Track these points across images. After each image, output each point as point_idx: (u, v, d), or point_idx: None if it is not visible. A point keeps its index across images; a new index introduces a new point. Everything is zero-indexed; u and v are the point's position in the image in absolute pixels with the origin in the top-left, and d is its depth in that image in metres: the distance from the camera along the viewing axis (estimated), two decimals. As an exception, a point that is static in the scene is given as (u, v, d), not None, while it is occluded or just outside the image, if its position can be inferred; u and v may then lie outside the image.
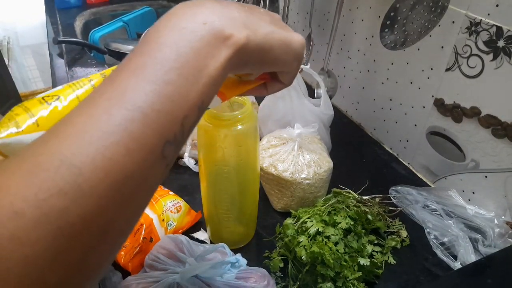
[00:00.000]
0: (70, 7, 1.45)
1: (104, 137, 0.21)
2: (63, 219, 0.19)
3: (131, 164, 0.21)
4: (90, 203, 0.20)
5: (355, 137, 0.90)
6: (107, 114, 0.22)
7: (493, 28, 0.59)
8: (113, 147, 0.21)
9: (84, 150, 0.20)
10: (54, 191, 0.19)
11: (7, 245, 0.18)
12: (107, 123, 0.21)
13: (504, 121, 0.60)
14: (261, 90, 0.38)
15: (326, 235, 0.55)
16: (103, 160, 0.20)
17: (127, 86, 0.23)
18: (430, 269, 0.60)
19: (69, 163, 0.20)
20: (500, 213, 0.64)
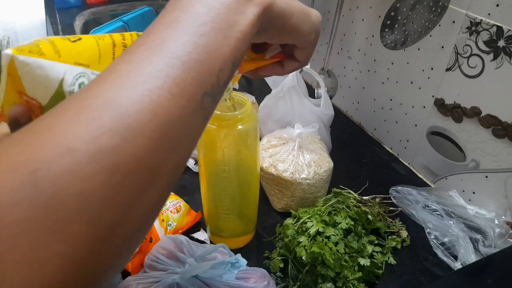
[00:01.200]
0: (70, 7, 1.45)
1: (148, 81, 0.21)
2: (117, 156, 0.19)
3: (175, 108, 0.22)
4: (141, 142, 0.20)
5: (355, 137, 0.90)
6: (148, 61, 0.22)
7: (494, 28, 0.58)
8: (158, 91, 0.21)
9: (130, 93, 0.21)
10: (105, 129, 0.19)
11: (63, 180, 0.17)
12: (149, 69, 0.22)
13: (504, 121, 0.60)
14: (277, 69, 0.38)
15: (326, 235, 0.55)
16: (150, 102, 0.21)
17: (165, 37, 0.24)
18: (431, 269, 0.60)
19: (116, 104, 0.20)
20: (500, 213, 0.63)
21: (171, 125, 0.22)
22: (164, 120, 0.21)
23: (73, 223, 0.17)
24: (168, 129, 0.21)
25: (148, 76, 0.22)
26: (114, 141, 0.19)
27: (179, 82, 0.22)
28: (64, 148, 0.18)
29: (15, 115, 0.29)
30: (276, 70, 0.38)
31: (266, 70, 0.38)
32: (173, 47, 0.23)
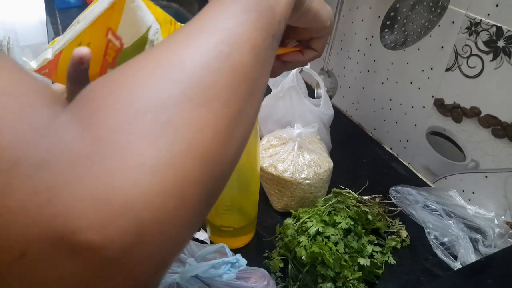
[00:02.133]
0: (70, 7, 1.45)
1: (235, 17, 0.24)
2: (231, 60, 0.22)
3: (260, 39, 0.25)
4: (244, 56, 0.23)
5: (355, 137, 0.90)
6: (226, 9, 0.25)
7: (493, 28, 0.59)
8: (245, 24, 0.24)
9: (226, 26, 0.24)
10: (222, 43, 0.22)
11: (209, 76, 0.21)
12: (234, 9, 0.25)
13: (504, 121, 0.60)
14: (298, 55, 0.41)
15: (326, 235, 0.55)
16: (242, 33, 0.24)
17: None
18: (430, 269, 0.60)
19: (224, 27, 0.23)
20: (500, 213, 0.64)
21: (259, 50, 0.25)
22: (254, 44, 0.24)
23: (213, 102, 0.20)
24: (257, 52, 0.25)
25: (233, 14, 0.25)
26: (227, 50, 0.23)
27: (257, 20, 0.25)
28: (178, 66, 0.21)
29: (81, 55, 0.30)
30: (298, 56, 0.41)
31: (289, 56, 0.41)
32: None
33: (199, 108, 0.19)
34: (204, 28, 0.23)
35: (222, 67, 0.22)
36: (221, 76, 0.21)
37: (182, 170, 0.18)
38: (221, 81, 0.21)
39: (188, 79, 0.20)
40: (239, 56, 0.23)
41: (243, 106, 0.23)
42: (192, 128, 0.19)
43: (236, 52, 0.23)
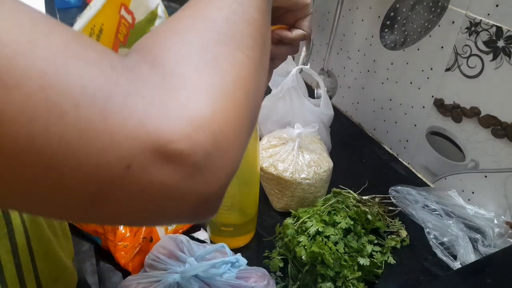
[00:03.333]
0: (70, 7, 1.45)
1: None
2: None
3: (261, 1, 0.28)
4: (253, 13, 0.27)
5: (355, 137, 0.90)
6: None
7: (493, 28, 0.59)
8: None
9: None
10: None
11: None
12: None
13: (503, 121, 0.60)
14: (286, 32, 0.43)
15: (326, 235, 0.55)
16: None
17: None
18: (430, 269, 0.60)
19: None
20: (499, 213, 0.64)
21: (263, 9, 0.28)
22: (259, 3, 0.28)
23: (242, 46, 0.24)
24: (263, 10, 0.28)
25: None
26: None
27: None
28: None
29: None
30: (286, 33, 0.42)
31: (277, 32, 0.42)
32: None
33: (233, 50, 0.23)
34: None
35: (240, 20, 0.25)
36: (241, 27, 0.25)
37: (233, 96, 0.22)
38: (243, 31, 0.25)
39: (218, 29, 0.24)
40: (250, 12, 0.26)
41: (262, 53, 0.26)
42: (233, 65, 0.23)
43: (246, 9, 0.26)
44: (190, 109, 0.19)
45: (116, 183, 0.18)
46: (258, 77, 0.25)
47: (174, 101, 0.19)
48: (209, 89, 0.21)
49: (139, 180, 0.18)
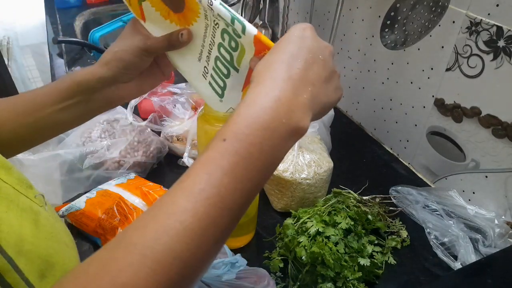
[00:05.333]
0: (70, 7, 1.45)
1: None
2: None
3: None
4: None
5: (355, 137, 0.90)
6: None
7: (494, 28, 0.58)
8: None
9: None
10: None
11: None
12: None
13: (504, 121, 0.60)
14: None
15: (326, 235, 0.55)
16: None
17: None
18: (430, 269, 0.60)
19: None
20: (500, 213, 0.63)
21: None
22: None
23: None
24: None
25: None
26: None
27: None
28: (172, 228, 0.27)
29: None
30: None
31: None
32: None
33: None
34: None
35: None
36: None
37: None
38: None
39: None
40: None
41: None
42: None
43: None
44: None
45: None
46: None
47: None
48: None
49: None
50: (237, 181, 0.29)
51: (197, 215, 0.27)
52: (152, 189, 0.64)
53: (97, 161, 0.69)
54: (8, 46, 2.15)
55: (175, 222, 0.27)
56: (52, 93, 0.45)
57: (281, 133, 0.30)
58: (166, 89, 0.88)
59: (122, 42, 0.46)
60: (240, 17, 0.37)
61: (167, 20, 0.44)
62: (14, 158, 0.64)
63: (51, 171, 0.68)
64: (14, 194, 0.36)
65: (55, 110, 0.45)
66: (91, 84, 0.45)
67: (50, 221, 0.39)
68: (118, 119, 0.77)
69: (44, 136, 0.49)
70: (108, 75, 0.45)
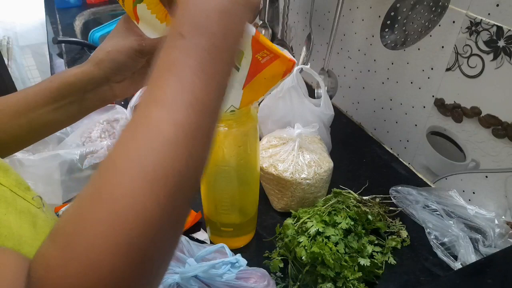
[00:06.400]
0: (70, 7, 1.45)
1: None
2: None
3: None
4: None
5: (355, 137, 0.90)
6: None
7: (494, 28, 0.58)
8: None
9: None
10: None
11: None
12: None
13: (504, 121, 0.60)
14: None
15: (326, 236, 0.55)
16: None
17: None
18: (431, 269, 0.60)
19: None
20: (500, 213, 0.63)
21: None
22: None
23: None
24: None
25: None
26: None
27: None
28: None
29: None
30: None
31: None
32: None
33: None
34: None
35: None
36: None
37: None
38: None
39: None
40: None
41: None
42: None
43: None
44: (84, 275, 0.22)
45: None
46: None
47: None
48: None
49: None
50: (208, 78, 0.27)
51: (177, 124, 0.25)
52: (152, 189, 0.64)
53: (97, 161, 0.69)
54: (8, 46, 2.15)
55: (157, 135, 0.25)
56: (43, 93, 0.44)
57: (239, 14, 0.28)
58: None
59: (115, 41, 0.44)
60: None
61: (163, 24, 0.43)
62: (14, 159, 0.64)
63: (51, 171, 0.68)
64: (12, 197, 0.36)
65: (47, 110, 0.44)
66: (83, 83, 0.44)
67: (48, 223, 0.39)
68: (118, 119, 0.77)
69: (38, 136, 0.48)
70: (100, 75, 0.44)
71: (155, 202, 0.23)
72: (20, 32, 2.24)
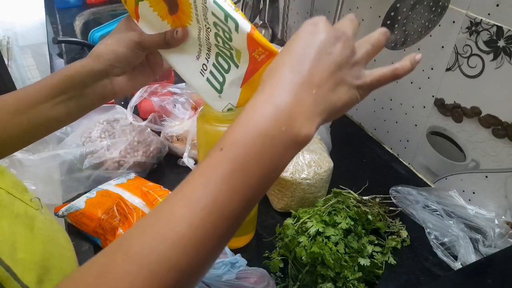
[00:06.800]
0: (70, 7, 1.45)
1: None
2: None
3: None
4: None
5: (355, 137, 0.90)
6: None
7: (494, 28, 0.58)
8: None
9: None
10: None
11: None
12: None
13: (504, 121, 0.60)
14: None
15: (326, 236, 0.54)
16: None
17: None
18: (431, 269, 0.60)
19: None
20: (500, 213, 0.63)
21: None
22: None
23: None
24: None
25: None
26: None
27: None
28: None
29: None
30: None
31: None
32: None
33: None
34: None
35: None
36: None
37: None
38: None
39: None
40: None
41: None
42: None
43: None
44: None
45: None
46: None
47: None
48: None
49: None
50: (234, 190, 0.28)
51: (193, 225, 0.27)
52: (152, 189, 0.64)
53: (97, 161, 0.69)
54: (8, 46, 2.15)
55: (171, 231, 0.27)
56: (44, 89, 0.44)
57: (281, 141, 0.29)
58: (166, 89, 0.88)
59: (115, 36, 0.45)
60: (234, 14, 0.36)
61: (164, 21, 0.44)
62: (14, 159, 0.64)
63: (51, 171, 0.68)
64: (9, 199, 0.36)
65: (47, 106, 0.44)
66: (83, 77, 0.44)
67: (46, 224, 0.39)
68: (118, 119, 0.77)
69: (38, 134, 0.48)
70: (99, 67, 0.44)
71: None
72: (20, 32, 2.24)
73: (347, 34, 0.34)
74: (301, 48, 0.32)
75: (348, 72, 0.33)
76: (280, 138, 0.29)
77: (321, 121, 0.32)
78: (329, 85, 0.32)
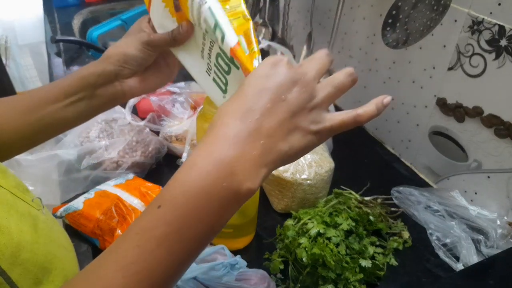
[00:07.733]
0: (68, 6, 1.44)
1: None
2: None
3: None
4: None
5: (357, 137, 0.90)
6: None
7: (496, 27, 0.58)
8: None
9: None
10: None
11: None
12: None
13: (506, 121, 0.60)
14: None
15: (327, 237, 0.54)
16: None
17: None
18: (432, 270, 0.60)
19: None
20: (502, 214, 0.63)
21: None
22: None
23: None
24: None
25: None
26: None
27: None
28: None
29: None
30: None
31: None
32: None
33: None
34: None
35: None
36: None
37: None
38: None
39: None
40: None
41: None
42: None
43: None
44: None
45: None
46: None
47: None
48: None
49: None
50: (169, 253, 0.27)
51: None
52: (150, 189, 0.64)
53: (95, 162, 0.68)
54: (6, 45, 2.14)
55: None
56: (55, 90, 0.45)
57: (221, 198, 0.28)
58: (165, 89, 0.87)
59: (126, 38, 0.46)
60: (225, 26, 0.35)
61: (174, 18, 0.44)
62: (12, 159, 0.63)
63: (49, 172, 0.67)
64: (12, 199, 0.35)
65: (58, 107, 0.45)
66: (93, 78, 0.45)
67: (48, 225, 0.39)
68: (117, 118, 0.76)
69: (46, 135, 0.48)
70: (110, 69, 0.45)
71: None
72: (18, 31, 2.23)
73: (307, 77, 0.31)
74: (252, 94, 0.30)
75: (304, 118, 0.31)
76: (220, 194, 0.28)
77: (268, 171, 0.30)
78: (280, 133, 0.30)
